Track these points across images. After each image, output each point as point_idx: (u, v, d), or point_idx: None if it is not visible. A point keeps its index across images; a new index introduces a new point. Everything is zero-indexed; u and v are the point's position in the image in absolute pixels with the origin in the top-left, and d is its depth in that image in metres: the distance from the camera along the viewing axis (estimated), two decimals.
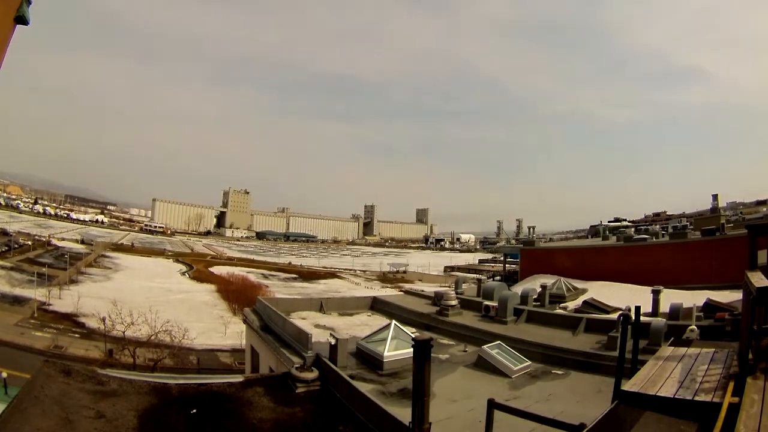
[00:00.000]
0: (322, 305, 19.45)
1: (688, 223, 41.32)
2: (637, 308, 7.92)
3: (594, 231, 51.20)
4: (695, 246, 24.43)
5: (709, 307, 14.86)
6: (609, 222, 65.17)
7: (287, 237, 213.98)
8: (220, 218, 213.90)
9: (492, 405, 6.20)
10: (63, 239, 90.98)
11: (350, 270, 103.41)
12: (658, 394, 5.32)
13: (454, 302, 17.76)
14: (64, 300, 43.80)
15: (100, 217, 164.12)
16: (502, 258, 61.13)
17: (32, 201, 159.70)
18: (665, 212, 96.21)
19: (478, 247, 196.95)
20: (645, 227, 47.35)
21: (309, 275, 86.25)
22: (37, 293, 42.91)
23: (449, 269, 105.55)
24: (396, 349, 11.76)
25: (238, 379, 9.63)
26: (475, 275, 72.85)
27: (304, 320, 16.91)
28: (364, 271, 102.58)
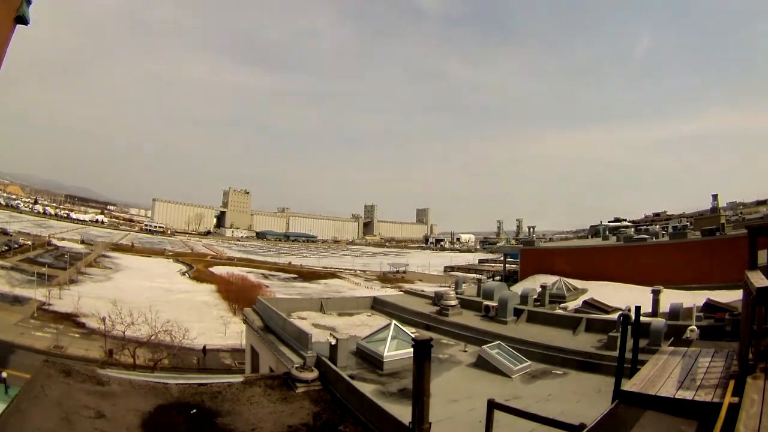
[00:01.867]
0: (322, 305, 19.45)
1: (688, 223, 41.29)
2: (637, 308, 7.93)
3: (594, 231, 51.19)
4: (695, 246, 24.40)
5: (709, 307, 14.85)
6: (609, 222, 65.15)
7: (287, 237, 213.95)
8: (220, 218, 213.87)
9: (492, 405, 6.20)
10: (63, 239, 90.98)
11: (350, 270, 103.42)
12: (658, 394, 5.32)
13: (454, 302, 17.76)
14: (64, 300, 43.78)
15: (100, 217, 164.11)
16: (502, 258, 61.12)
17: (32, 201, 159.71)
18: (665, 212, 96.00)
19: (478, 247, 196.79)
20: (645, 227, 47.33)
21: (309, 275, 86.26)
22: (37, 293, 42.90)
23: (449, 269, 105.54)
24: (396, 349, 11.77)
25: (238, 379, 9.63)
26: (475, 275, 72.85)
27: (304, 320, 16.92)
28: (364, 271, 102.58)
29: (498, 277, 44.62)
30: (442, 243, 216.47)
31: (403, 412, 6.80)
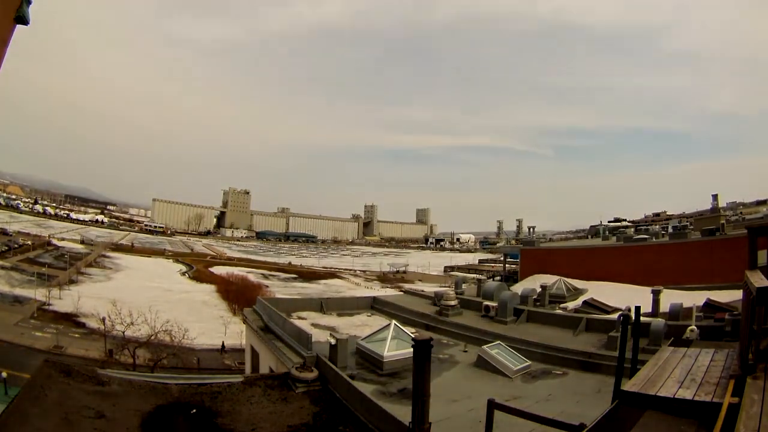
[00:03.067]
0: (322, 305, 19.45)
1: (688, 223, 41.32)
2: (637, 308, 7.93)
3: (594, 231, 51.25)
4: (695, 246, 24.45)
5: (709, 307, 14.87)
6: (609, 222, 65.18)
7: (287, 237, 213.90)
8: (220, 218, 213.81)
9: (492, 405, 6.20)
10: (63, 239, 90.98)
11: (350, 270, 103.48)
12: (658, 394, 5.32)
13: (454, 302, 17.77)
14: (64, 300, 43.83)
15: (100, 217, 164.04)
16: (501, 258, 61.14)
17: (32, 201, 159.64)
18: (665, 212, 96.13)
19: (477, 247, 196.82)
20: (645, 227, 47.42)
21: (309, 275, 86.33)
22: (37, 293, 42.95)
23: (449, 269, 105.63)
24: (396, 349, 11.77)
25: (238, 379, 9.63)
26: (475, 275, 72.94)
27: (304, 320, 16.92)
28: (364, 271, 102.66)
29: (498, 277, 44.66)
30: (442, 243, 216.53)
31: (403, 412, 6.81)
